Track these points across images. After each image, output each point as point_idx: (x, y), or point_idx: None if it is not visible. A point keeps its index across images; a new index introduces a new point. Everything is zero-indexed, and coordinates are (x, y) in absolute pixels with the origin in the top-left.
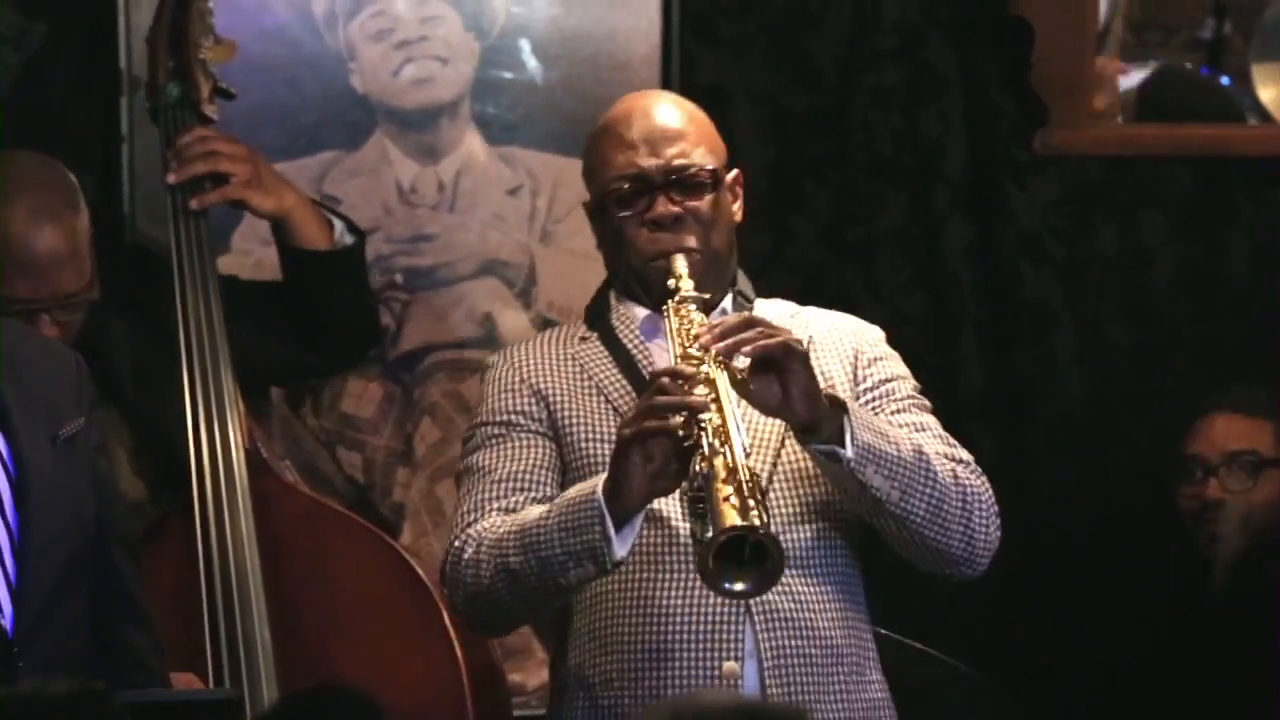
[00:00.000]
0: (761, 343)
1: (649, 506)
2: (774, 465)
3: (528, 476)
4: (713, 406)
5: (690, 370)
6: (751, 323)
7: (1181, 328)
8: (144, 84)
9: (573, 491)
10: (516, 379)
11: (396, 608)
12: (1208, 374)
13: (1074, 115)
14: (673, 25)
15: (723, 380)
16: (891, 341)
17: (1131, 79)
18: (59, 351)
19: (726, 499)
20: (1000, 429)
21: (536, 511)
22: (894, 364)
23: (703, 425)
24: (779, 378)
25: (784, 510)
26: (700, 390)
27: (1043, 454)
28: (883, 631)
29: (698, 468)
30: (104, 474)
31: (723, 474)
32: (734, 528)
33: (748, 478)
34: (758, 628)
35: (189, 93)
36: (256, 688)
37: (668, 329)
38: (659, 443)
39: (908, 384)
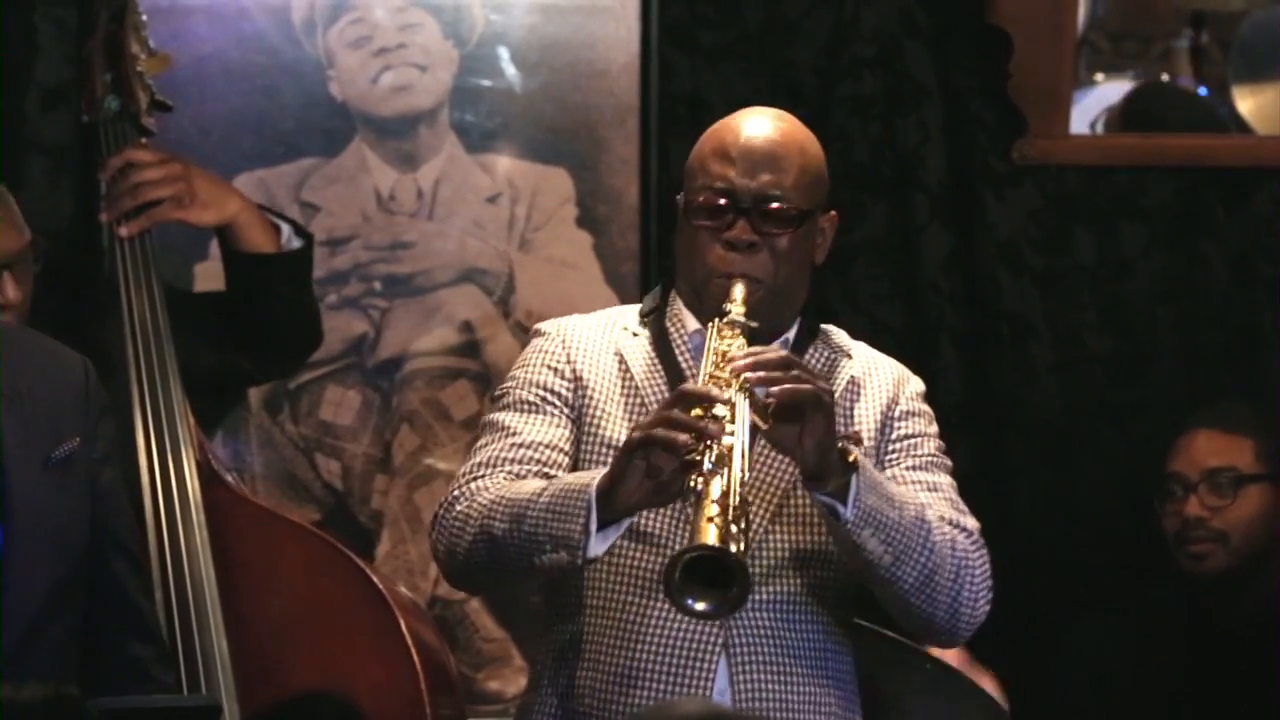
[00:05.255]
0: (791, 386)
1: (647, 528)
2: (779, 507)
3: (547, 452)
4: (725, 431)
5: (715, 393)
6: (789, 364)
7: (1160, 338)
8: (81, 98)
9: (571, 477)
10: (563, 358)
11: (353, 616)
12: (1186, 384)
13: (1052, 125)
14: (652, 34)
15: (743, 408)
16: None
17: (1109, 90)
18: (65, 360)
19: (710, 518)
20: (978, 438)
21: (533, 486)
22: (923, 422)
23: (709, 445)
24: (799, 424)
25: (781, 553)
26: (720, 411)
27: (1020, 464)
28: (867, 625)
29: (693, 483)
30: (108, 485)
31: (714, 494)
32: (707, 546)
33: (737, 503)
34: (733, 666)
35: (128, 105)
36: (216, 699)
37: (706, 344)
38: (662, 456)
39: (931, 443)
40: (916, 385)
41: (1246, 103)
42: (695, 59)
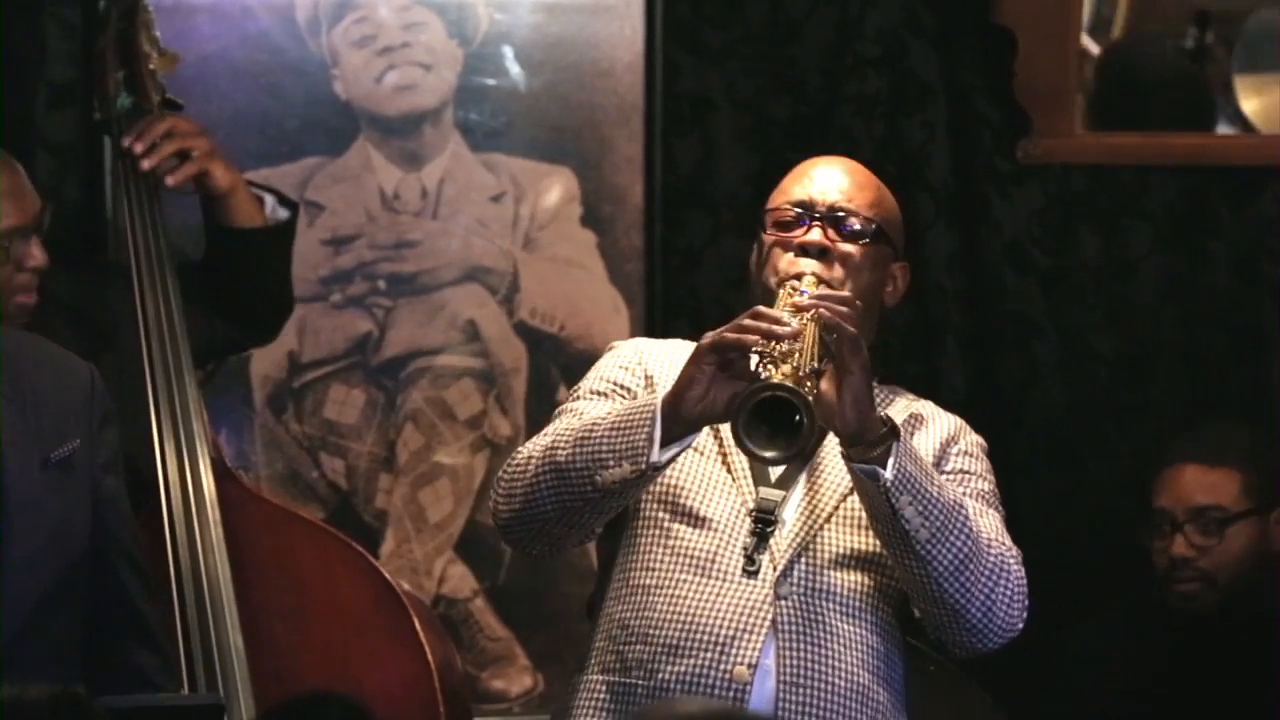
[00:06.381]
0: (846, 310)
1: (705, 513)
2: (835, 508)
3: None
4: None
5: (785, 316)
6: (850, 303)
7: (1164, 337)
8: (93, 96)
9: (635, 400)
10: (635, 359)
11: (366, 613)
12: (1190, 384)
13: (1057, 125)
14: (656, 33)
15: (811, 330)
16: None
17: None
18: (70, 365)
19: (784, 359)
20: (983, 437)
21: (598, 412)
22: (981, 466)
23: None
24: (836, 376)
25: (836, 550)
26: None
27: (1024, 463)
28: None
29: (770, 351)
30: (110, 491)
31: (793, 356)
32: (777, 385)
33: (808, 372)
34: (780, 645)
35: (140, 103)
36: (232, 696)
37: (777, 304)
38: (734, 357)
39: (985, 483)
40: (979, 438)
41: (1251, 101)
42: (699, 58)
